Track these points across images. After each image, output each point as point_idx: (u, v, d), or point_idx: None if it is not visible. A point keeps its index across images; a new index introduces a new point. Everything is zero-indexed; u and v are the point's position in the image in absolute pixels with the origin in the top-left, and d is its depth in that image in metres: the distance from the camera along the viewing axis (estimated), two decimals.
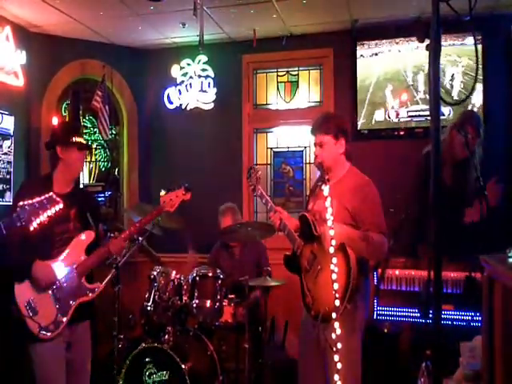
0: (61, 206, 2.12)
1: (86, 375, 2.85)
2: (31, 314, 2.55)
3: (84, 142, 2.84)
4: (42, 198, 2.09)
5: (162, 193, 2.95)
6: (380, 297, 3.08)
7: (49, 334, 2.58)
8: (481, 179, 3.05)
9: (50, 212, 2.09)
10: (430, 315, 1.39)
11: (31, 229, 2.05)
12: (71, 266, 2.68)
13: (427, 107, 4.32)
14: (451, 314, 2.88)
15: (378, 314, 3.09)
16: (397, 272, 3.08)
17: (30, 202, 2.06)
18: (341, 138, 2.67)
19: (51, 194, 2.13)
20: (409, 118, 4.49)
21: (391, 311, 3.07)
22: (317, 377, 2.68)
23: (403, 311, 3.03)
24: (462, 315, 2.88)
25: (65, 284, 2.65)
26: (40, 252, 2.62)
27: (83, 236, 2.74)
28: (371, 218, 2.55)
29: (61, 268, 2.66)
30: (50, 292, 2.62)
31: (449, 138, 3.34)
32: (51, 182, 2.74)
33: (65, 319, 2.63)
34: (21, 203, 2.05)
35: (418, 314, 2.98)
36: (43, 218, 2.07)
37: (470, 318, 2.87)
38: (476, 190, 3.08)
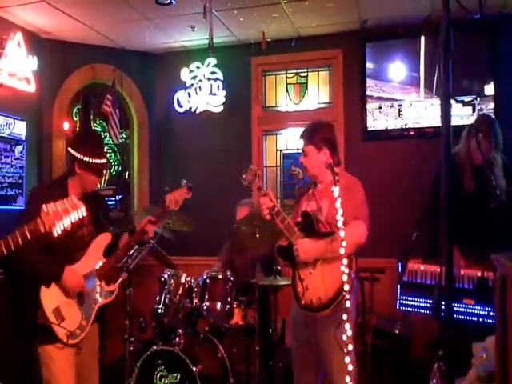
0: (83, 211, 2.11)
1: (95, 377, 2.85)
2: (59, 321, 2.54)
3: (104, 165, 2.72)
4: (66, 203, 2.07)
5: (167, 190, 2.96)
6: (403, 287, 3.07)
7: (75, 340, 2.58)
8: (498, 191, 3.00)
9: (73, 217, 2.08)
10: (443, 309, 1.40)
11: (55, 234, 2.05)
12: (91, 270, 2.69)
13: (438, 106, 4.30)
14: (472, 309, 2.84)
15: (400, 304, 3.08)
16: (421, 267, 3.08)
17: (53, 207, 2.05)
18: (324, 148, 2.74)
19: (73, 197, 2.12)
20: (419, 118, 4.46)
21: (414, 301, 3.05)
22: (313, 376, 2.73)
23: (426, 302, 3.00)
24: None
25: (87, 288, 2.66)
26: (62, 258, 2.62)
27: (100, 239, 2.75)
28: (352, 209, 2.57)
29: (84, 273, 2.65)
30: (75, 298, 2.63)
31: (466, 143, 3.30)
32: (66, 186, 2.72)
33: (88, 323, 2.65)
34: (44, 209, 2.03)
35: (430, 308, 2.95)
36: (66, 223, 2.07)
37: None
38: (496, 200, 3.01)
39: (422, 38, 4.36)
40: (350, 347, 2.16)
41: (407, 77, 4.47)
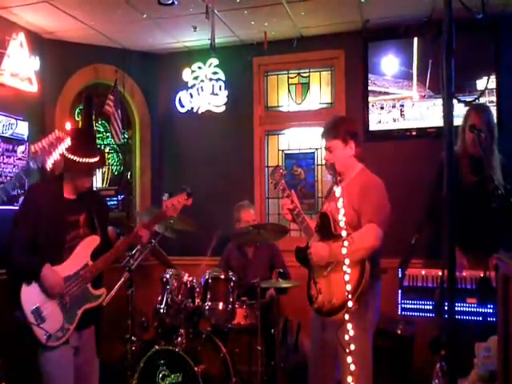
0: (69, 141, 2.25)
1: (95, 378, 2.85)
2: (38, 322, 2.52)
3: (93, 164, 2.68)
4: (50, 138, 2.22)
5: (165, 197, 2.95)
6: (404, 293, 3.03)
7: (56, 342, 2.56)
8: (498, 187, 2.96)
9: (61, 149, 2.25)
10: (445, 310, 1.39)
11: (48, 168, 2.24)
12: (77, 273, 2.66)
13: (440, 106, 4.29)
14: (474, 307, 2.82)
15: (402, 309, 3.04)
16: (423, 272, 3.06)
17: (39, 145, 2.21)
18: (350, 141, 2.69)
19: (57, 131, 2.21)
20: (421, 118, 4.45)
21: (416, 304, 3.02)
22: (327, 377, 2.69)
23: (428, 304, 2.97)
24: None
25: (71, 291, 2.63)
26: (50, 258, 2.60)
27: (88, 241, 2.72)
28: (368, 212, 2.53)
29: (67, 274, 2.63)
30: (56, 299, 2.60)
31: (461, 135, 3.28)
32: (62, 185, 2.72)
33: (71, 327, 2.62)
34: (32, 149, 2.18)
35: (433, 310, 2.93)
36: (56, 155, 2.25)
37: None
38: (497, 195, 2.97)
39: (423, 37, 4.36)
40: (352, 347, 2.16)
41: (405, 72, 4.47)
